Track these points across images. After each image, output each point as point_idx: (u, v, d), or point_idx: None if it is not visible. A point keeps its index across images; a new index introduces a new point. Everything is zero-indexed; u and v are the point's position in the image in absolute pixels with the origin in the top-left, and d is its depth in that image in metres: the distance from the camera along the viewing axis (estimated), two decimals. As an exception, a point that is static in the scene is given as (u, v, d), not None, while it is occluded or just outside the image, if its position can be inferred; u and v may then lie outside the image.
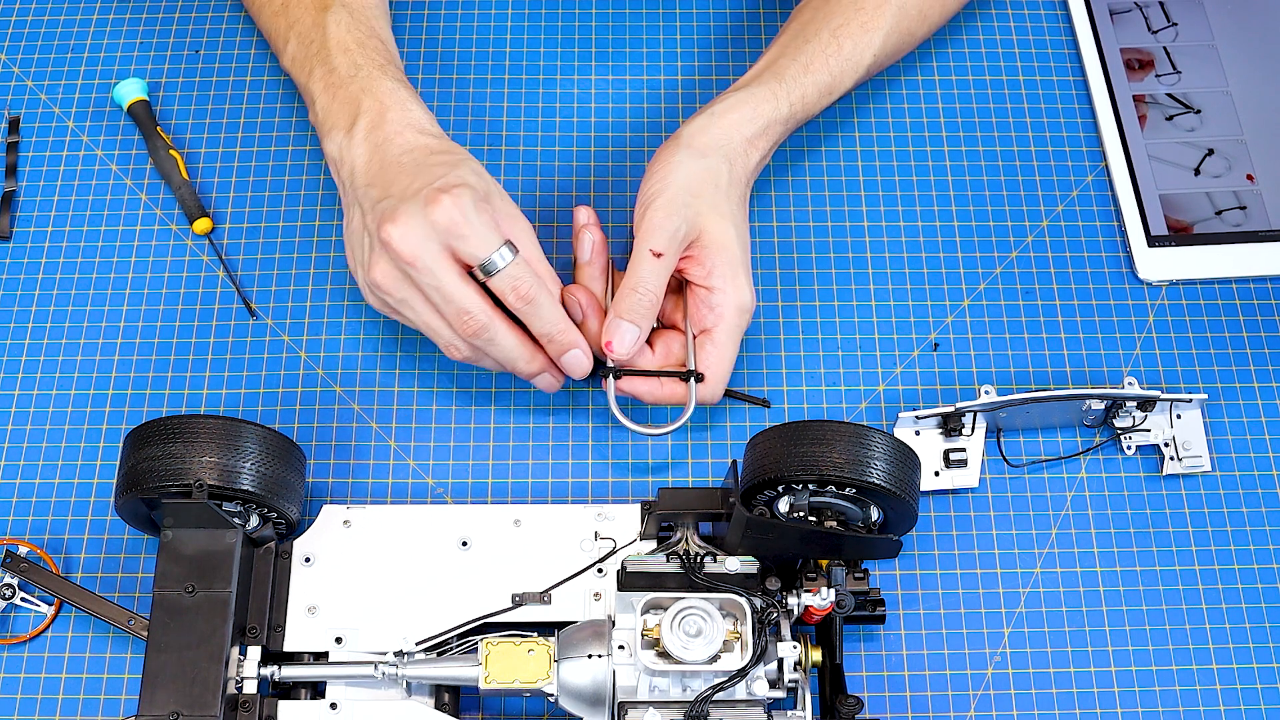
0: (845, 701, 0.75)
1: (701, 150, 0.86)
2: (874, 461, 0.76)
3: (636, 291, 0.82)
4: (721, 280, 0.84)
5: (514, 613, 0.79)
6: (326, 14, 0.89)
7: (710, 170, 0.85)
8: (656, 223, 0.83)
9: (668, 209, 0.83)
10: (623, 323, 0.82)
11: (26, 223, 0.95)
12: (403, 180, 0.81)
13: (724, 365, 0.84)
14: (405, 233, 0.78)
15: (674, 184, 0.84)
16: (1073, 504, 0.87)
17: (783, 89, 0.89)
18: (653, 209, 0.83)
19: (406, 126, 0.84)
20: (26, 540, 0.84)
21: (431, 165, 0.81)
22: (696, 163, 0.85)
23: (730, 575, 0.75)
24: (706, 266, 0.84)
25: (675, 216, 0.83)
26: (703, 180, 0.85)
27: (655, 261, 0.83)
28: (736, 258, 0.84)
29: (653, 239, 0.83)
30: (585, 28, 1.03)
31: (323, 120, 0.86)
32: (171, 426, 0.77)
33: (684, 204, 0.83)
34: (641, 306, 0.82)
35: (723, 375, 0.84)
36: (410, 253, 0.78)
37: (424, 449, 0.88)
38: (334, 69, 0.87)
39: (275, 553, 0.80)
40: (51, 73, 1.00)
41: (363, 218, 0.82)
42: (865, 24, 0.92)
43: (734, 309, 0.84)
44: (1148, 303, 0.94)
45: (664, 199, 0.84)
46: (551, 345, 0.83)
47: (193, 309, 0.92)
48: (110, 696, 0.81)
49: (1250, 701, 0.82)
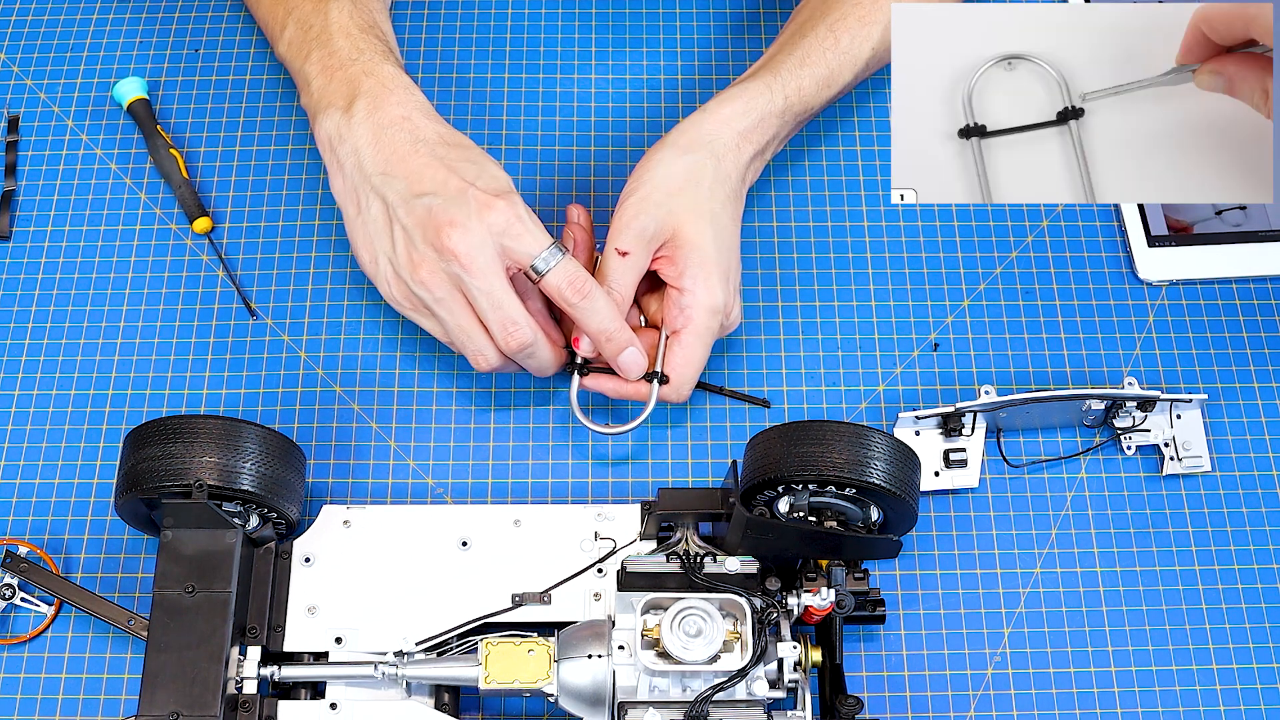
0: (845, 701, 0.75)
1: (685, 147, 0.85)
2: (874, 461, 0.76)
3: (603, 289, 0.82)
4: (692, 281, 0.83)
5: (514, 613, 0.79)
6: (329, 2, 0.88)
7: (693, 167, 0.84)
8: (624, 221, 0.83)
9: (637, 207, 0.83)
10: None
11: (26, 222, 0.95)
12: (430, 174, 0.80)
13: (690, 367, 0.83)
14: (464, 235, 0.78)
15: (649, 182, 0.84)
16: (1073, 504, 0.87)
17: (777, 82, 0.89)
18: (623, 207, 0.83)
19: (413, 110, 0.83)
20: (26, 540, 0.84)
21: (457, 161, 0.81)
22: (679, 160, 0.85)
23: (730, 575, 0.75)
24: (679, 266, 0.83)
25: (644, 215, 0.83)
26: (684, 178, 0.84)
27: (620, 260, 0.82)
28: (710, 258, 0.83)
29: (619, 238, 0.83)
30: (585, 24, 1.03)
31: (317, 100, 0.85)
32: (171, 426, 0.77)
33: (656, 203, 0.83)
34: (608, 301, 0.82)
35: (689, 377, 0.84)
36: (468, 255, 0.78)
37: (424, 449, 0.88)
38: (334, 51, 0.86)
39: (275, 553, 0.80)
40: (51, 72, 1.00)
41: (387, 210, 0.81)
42: (863, 18, 0.92)
43: (704, 310, 0.83)
44: (1148, 303, 0.94)
45: (636, 197, 0.83)
46: (609, 345, 0.82)
47: (193, 309, 0.92)
48: (110, 696, 0.81)
49: (1250, 701, 0.82)
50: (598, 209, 0.96)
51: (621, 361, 0.83)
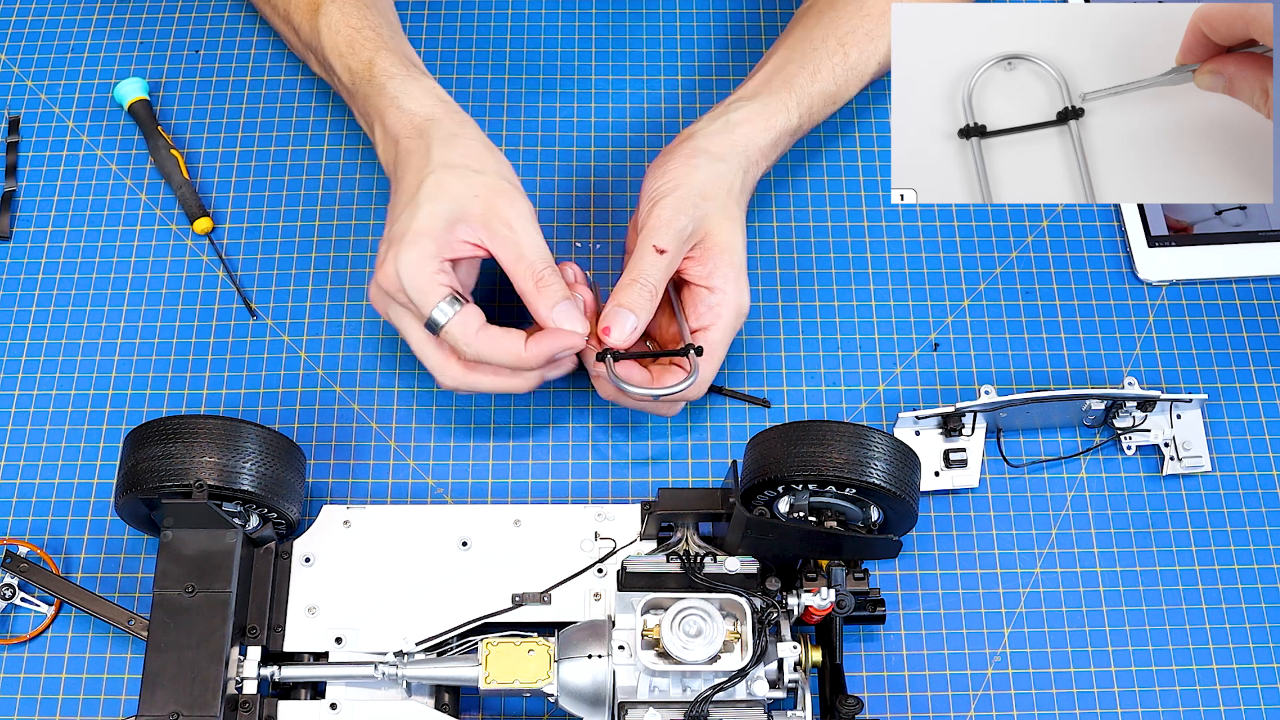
0: (845, 701, 0.75)
1: (719, 155, 0.86)
2: (874, 461, 0.76)
3: (638, 283, 0.82)
4: (723, 281, 0.83)
5: (514, 613, 0.79)
6: (319, 17, 0.90)
7: (724, 175, 0.85)
8: (665, 219, 0.83)
9: (676, 207, 0.83)
10: (622, 310, 0.82)
11: (26, 223, 0.95)
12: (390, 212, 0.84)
13: (713, 365, 0.84)
14: (373, 292, 0.84)
15: (686, 184, 0.84)
16: (1073, 504, 0.87)
17: (793, 99, 0.90)
18: (661, 205, 0.83)
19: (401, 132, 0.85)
20: (26, 540, 0.84)
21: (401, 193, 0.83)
22: (713, 166, 0.85)
23: (730, 575, 0.75)
24: (708, 267, 0.84)
25: (683, 215, 0.83)
26: (716, 184, 0.85)
27: (658, 257, 0.83)
28: (739, 261, 0.84)
29: (658, 235, 0.83)
30: (586, 29, 1.03)
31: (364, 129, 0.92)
32: (171, 426, 0.78)
33: (693, 204, 0.83)
34: (642, 297, 0.82)
35: (709, 374, 0.84)
36: (380, 310, 0.84)
37: (424, 449, 0.88)
38: (341, 82, 0.90)
39: (275, 553, 0.80)
40: (51, 73, 1.00)
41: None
42: (870, 32, 0.92)
43: (732, 311, 0.84)
44: (1148, 303, 0.94)
45: (674, 198, 0.84)
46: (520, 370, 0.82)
47: (193, 309, 0.92)
48: (110, 696, 0.81)
49: (1250, 701, 0.82)
50: (596, 209, 0.96)
51: (556, 318, 0.81)
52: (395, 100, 0.86)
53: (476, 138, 0.85)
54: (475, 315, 0.80)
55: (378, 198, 0.96)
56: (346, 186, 0.96)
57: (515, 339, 0.80)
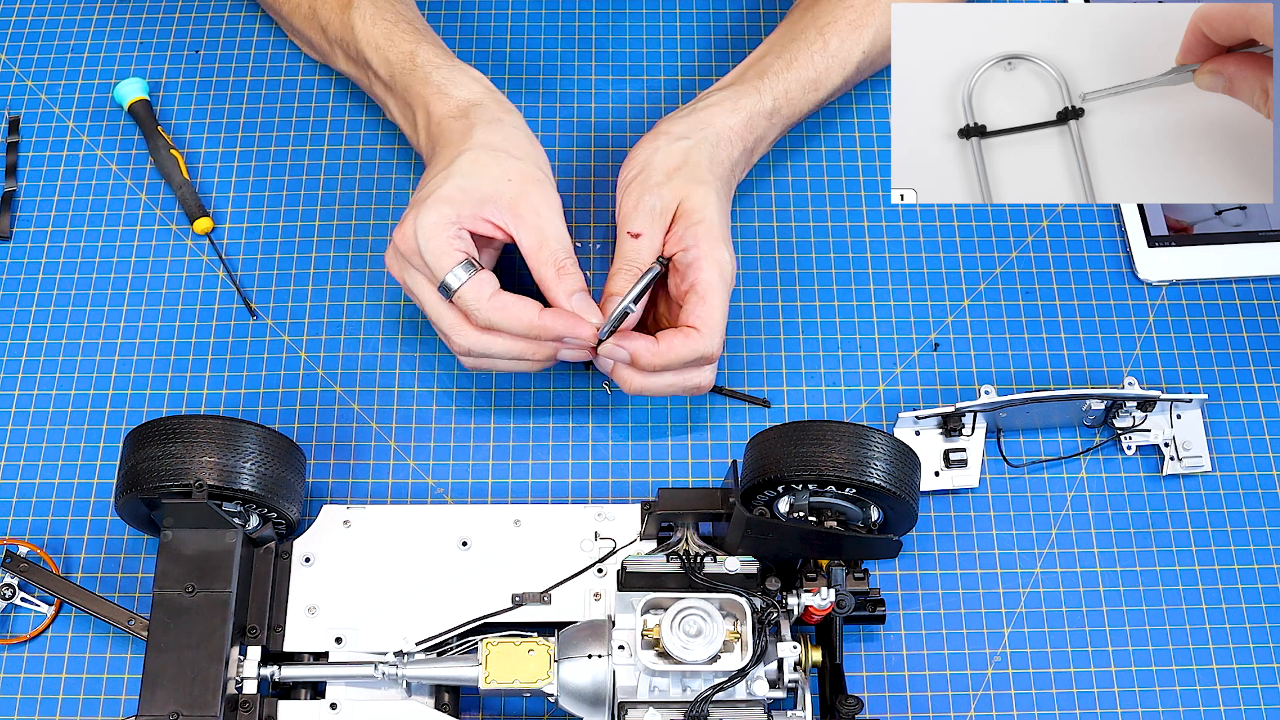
0: (845, 701, 0.75)
1: (680, 134, 0.86)
2: (874, 461, 0.76)
3: (624, 270, 0.83)
4: (693, 240, 0.82)
5: (514, 613, 0.79)
6: (351, 12, 0.91)
7: (689, 150, 0.86)
8: (633, 203, 0.84)
9: (641, 189, 0.84)
10: (613, 297, 0.82)
11: (26, 223, 0.95)
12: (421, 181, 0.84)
13: (715, 315, 0.81)
14: (390, 255, 0.84)
15: (649, 166, 0.85)
16: (1073, 504, 0.87)
17: (764, 84, 0.90)
18: (628, 192, 0.85)
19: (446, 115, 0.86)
20: (26, 540, 0.84)
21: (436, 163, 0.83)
22: (674, 144, 0.86)
23: (730, 575, 0.75)
24: (679, 231, 0.83)
25: (648, 195, 0.84)
26: (680, 158, 0.85)
27: (635, 241, 0.83)
28: (714, 223, 0.83)
29: (630, 221, 0.84)
30: (585, 27, 1.03)
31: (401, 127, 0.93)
32: (171, 426, 0.78)
33: (657, 182, 0.84)
34: (629, 281, 0.82)
35: (716, 324, 0.81)
36: (396, 274, 0.84)
37: (424, 449, 0.88)
38: (378, 75, 0.91)
39: (275, 553, 0.80)
40: (51, 73, 1.00)
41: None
42: (854, 22, 0.92)
43: (712, 264, 0.82)
44: (1148, 303, 0.94)
45: (638, 181, 0.85)
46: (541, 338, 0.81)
47: (193, 309, 0.92)
48: (110, 696, 0.81)
49: (1250, 701, 0.82)
50: (595, 209, 0.96)
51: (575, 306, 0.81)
52: (441, 88, 0.87)
53: (519, 126, 0.86)
54: (489, 280, 0.80)
55: (378, 198, 0.96)
56: (347, 186, 0.96)
57: (529, 307, 0.80)
